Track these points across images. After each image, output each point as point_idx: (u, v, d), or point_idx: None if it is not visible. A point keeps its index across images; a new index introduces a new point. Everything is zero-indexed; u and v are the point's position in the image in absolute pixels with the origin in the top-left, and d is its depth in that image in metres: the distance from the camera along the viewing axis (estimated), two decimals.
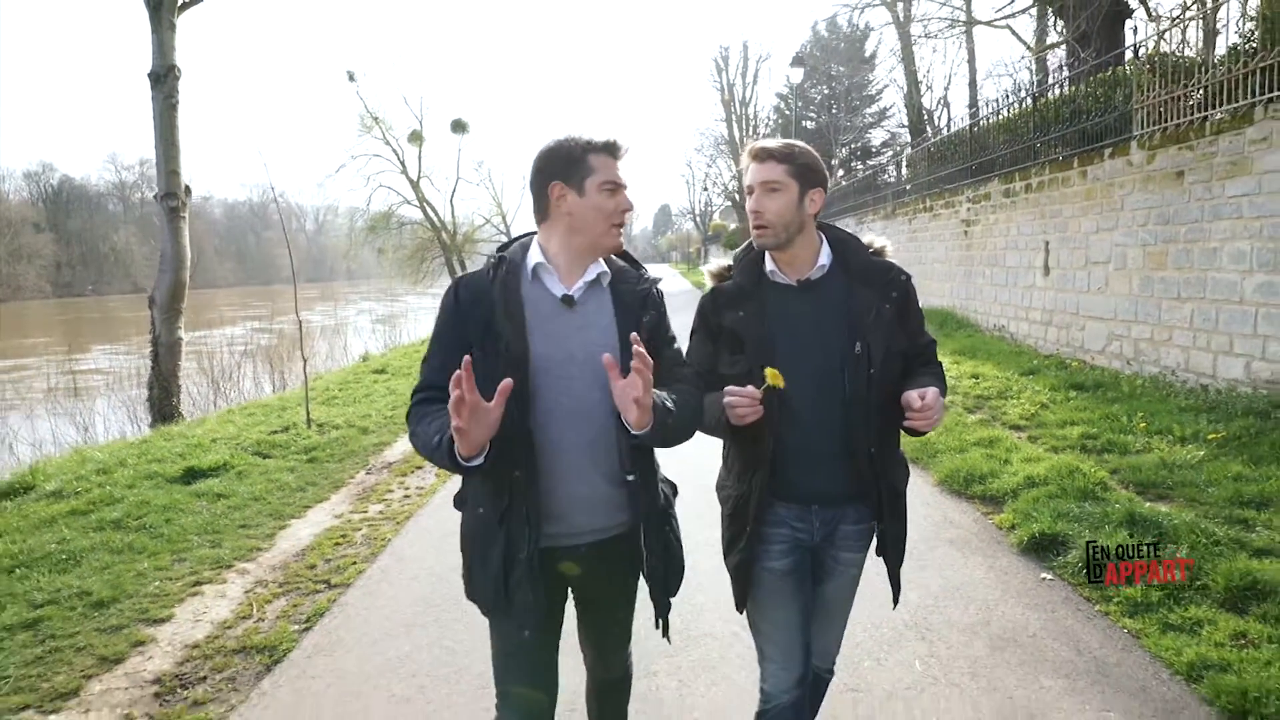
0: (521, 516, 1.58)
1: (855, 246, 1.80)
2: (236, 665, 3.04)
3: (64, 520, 4.64)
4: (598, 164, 1.63)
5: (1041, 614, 3.09)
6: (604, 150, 1.64)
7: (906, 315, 1.76)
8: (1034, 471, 4.47)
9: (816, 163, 1.73)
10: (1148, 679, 2.60)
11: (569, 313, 1.65)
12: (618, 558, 1.71)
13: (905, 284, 1.77)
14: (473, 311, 1.61)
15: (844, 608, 1.92)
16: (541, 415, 1.60)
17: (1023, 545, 3.70)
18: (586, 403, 1.62)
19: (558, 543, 1.65)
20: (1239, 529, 3.56)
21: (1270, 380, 5.60)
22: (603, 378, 1.57)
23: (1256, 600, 2.94)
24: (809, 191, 1.72)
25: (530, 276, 1.66)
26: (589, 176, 1.62)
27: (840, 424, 1.69)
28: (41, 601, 3.53)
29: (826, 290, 1.74)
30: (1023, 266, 9.83)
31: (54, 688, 2.86)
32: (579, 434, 1.61)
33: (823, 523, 1.77)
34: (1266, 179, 5.66)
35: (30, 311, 50.90)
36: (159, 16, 9.16)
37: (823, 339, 1.70)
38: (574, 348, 1.63)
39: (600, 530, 1.67)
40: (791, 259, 1.75)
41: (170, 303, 9.51)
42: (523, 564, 1.58)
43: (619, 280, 1.73)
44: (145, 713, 2.73)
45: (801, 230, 1.72)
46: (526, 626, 1.63)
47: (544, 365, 1.60)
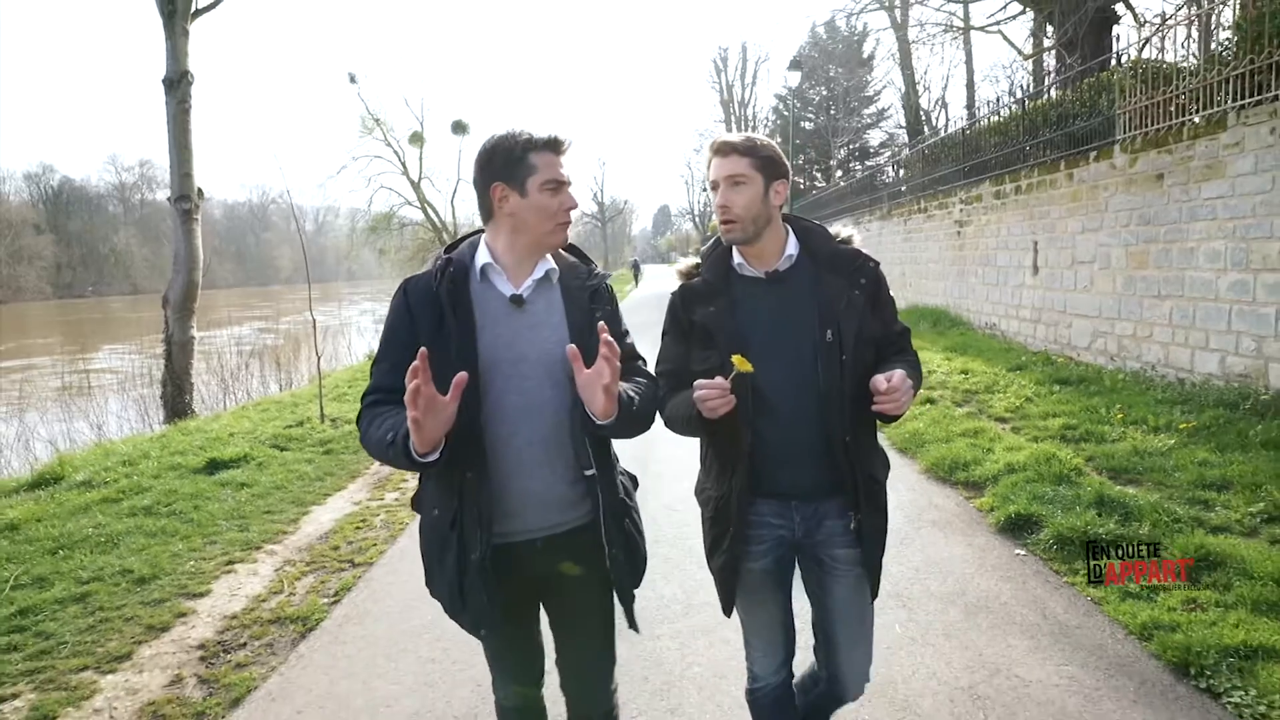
0: (474, 518, 1.56)
1: (821, 236, 1.80)
2: (273, 633, 3.31)
3: (97, 507, 4.91)
4: (539, 162, 1.59)
5: (1013, 585, 3.36)
6: (545, 147, 1.60)
7: (878, 303, 1.75)
8: (1014, 459, 4.74)
9: (778, 155, 1.74)
10: (1104, 638, 2.87)
11: (519, 312, 1.64)
12: (577, 550, 1.67)
13: (874, 270, 1.76)
14: (422, 313, 1.59)
15: (862, 617, 1.83)
16: (492, 415, 1.58)
17: (1000, 525, 3.97)
18: (538, 400, 1.61)
19: (512, 539, 1.63)
20: (1199, 509, 3.83)
21: (1242, 374, 5.87)
22: (555, 375, 1.60)
23: (1208, 570, 3.21)
24: (773, 184, 1.72)
25: (479, 276, 1.64)
26: (530, 176, 1.59)
27: (816, 415, 1.68)
28: (87, 579, 3.80)
29: (795, 280, 1.74)
30: (1013, 266, 10.11)
31: (108, 651, 3.12)
32: (532, 431, 1.59)
33: (803, 518, 1.76)
34: (1239, 182, 5.94)
35: (32, 313, 51.06)
36: (173, 24, 9.43)
37: (794, 329, 1.70)
38: (525, 347, 1.62)
39: (556, 525, 1.65)
40: (759, 252, 1.75)
41: (183, 302, 9.78)
42: (475, 565, 1.56)
43: (568, 276, 1.71)
44: (193, 673, 3.00)
45: (769, 223, 1.73)
46: (482, 626, 1.64)
47: (494, 365, 1.59)
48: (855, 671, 1.84)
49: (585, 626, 1.78)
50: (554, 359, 1.61)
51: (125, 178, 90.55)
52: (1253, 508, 3.73)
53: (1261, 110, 5.71)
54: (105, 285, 79.65)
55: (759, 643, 1.85)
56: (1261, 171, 5.70)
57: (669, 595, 3.44)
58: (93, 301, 67.17)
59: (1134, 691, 2.54)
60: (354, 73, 33.86)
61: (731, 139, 1.73)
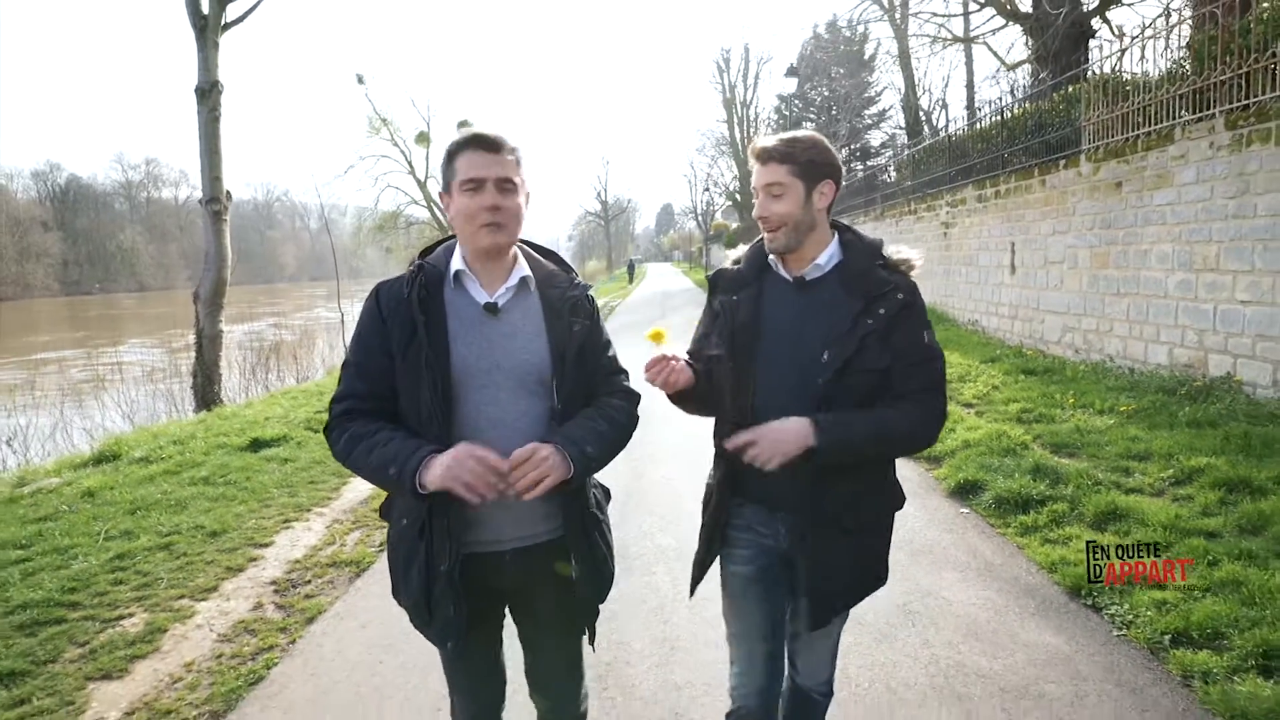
0: (443, 529, 1.53)
1: (865, 252, 1.69)
2: (331, 573, 3.94)
3: (160, 478, 5.56)
4: (461, 164, 1.55)
5: (953, 535, 4.00)
6: (468, 146, 1.56)
7: (894, 333, 1.61)
8: (971, 437, 5.37)
9: (823, 153, 1.64)
10: (1020, 573, 3.51)
11: (493, 320, 1.60)
12: (546, 563, 1.65)
13: (900, 302, 1.62)
14: (394, 318, 1.56)
15: (828, 631, 1.80)
16: (464, 425, 1.55)
17: (950, 490, 4.61)
18: (511, 412, 1.57)
19: (479, 549, 1.60)
20: (1120, 475, 4.45)
21: (1186, 364, 6.49)
22: (529, 385, 1.58)
23: (1115, 522, 3.83)
24: (817, 185, 1.64)
25: (453, 283, 1.61)
26: (454, 179, 1.56)
27: None
28: (167, 532, 4.44)
29: (821, 292, 1.67)
30: (993, 265, 10.72)
31: (198, 586, 3.76)
32: (504, 443, 1.51)
33: (789, 529, 1.69)
34: (1184, 190, 6.55)
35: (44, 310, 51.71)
36: (204, 37, 10.05)
37: (802, 341, 1.64)
38: (499, 356, 1.58)
39: (526, 538, 1.62)
40: (800, 256, 1.69)
41: (213, 298, 10.40)
42: (443, 576, 1.54)
43: (547, 285, 1.66)
44: (271, 601, 3.64)
45: (812, 229, 1.66)
46: (449, 639, 1.60)
47: (467, 374, 1.55)
48: (818, 675, 1.85)
49: (555, 639, 1.76)
50: (528, 369, 1.59)
51: (132, 175, 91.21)
52: (1164, 473, 4.36)
53: (1202, 126, 6.32)
54: (112, 282, 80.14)
55: (737, 656, 1.79)
56: (1202, 181, 6.31)
57: (665, 545, 4.07)
58: (100, 299, 67.68)
59: (1035, 608, 3.17)
60: (361, 74, 34.37)
61: (768, 144, 1.64)
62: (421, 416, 1.54)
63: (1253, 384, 5.72)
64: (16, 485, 5.68)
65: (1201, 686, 2.52)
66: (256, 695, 2.82)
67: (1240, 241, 5.87)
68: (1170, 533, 3.56)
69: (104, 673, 2.98)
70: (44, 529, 4.51)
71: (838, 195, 1.68)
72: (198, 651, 3.17)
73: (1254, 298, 5.73)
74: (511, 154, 1.58)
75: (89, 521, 4.63)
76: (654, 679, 2.79)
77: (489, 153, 1.55)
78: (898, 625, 3.09)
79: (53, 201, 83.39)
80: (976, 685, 2.66)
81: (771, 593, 1.74)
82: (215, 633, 3.33)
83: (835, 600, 1.71)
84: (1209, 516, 3.75)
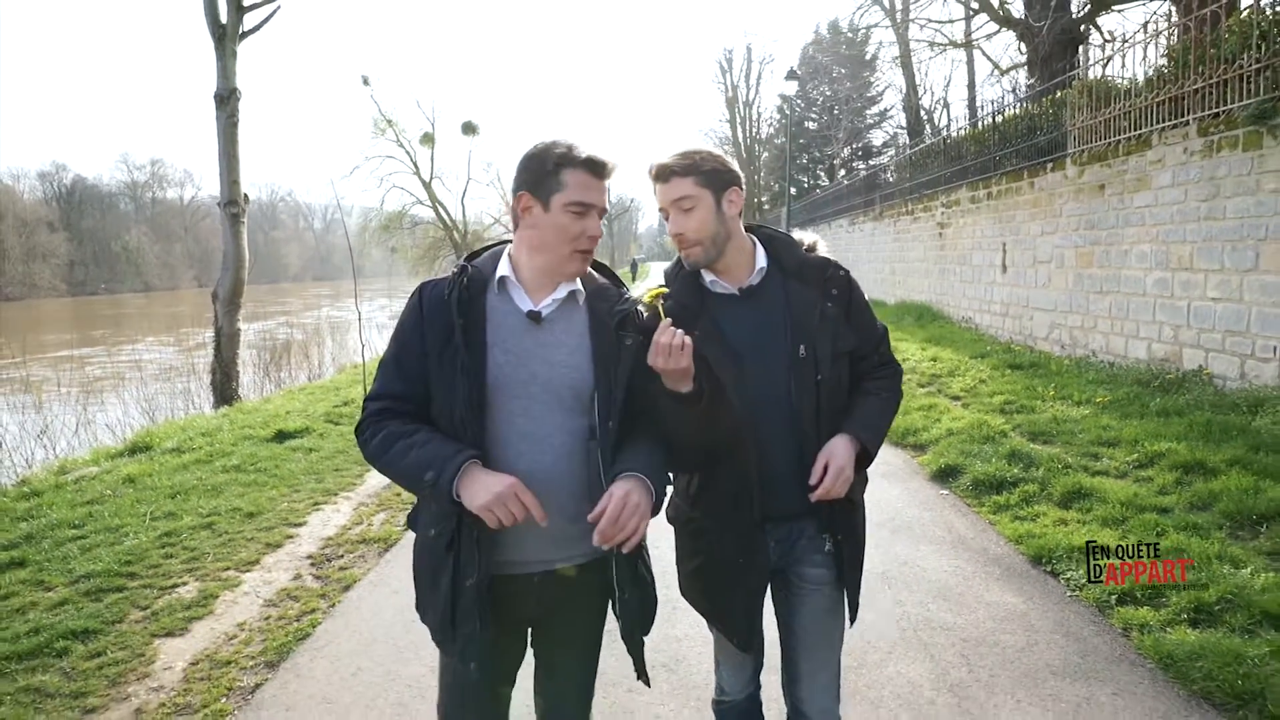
0: (472, 541, 1.47)
1: (787, 245, 1.71)
2: (362, 549, 4.31)
3: (194, 466, 5.93)
4: (570, 180, 1.49)
5: (932, 513, 4.35)
6: (581, 167, 1.50)
7: (852, 311, 1.67)
8: (954, 426, 5.72)
9: (723, 163, 1.63)
10: (989, 544, 3.86)
11: (536, 330, 1.54)
12: (577, 589, 1.59)
13: (845, 279, 1.68)
14: (435, 319, 1.52)
15: (826, 642, 1.73)
16: (496, 437, 1.51)
17: (932, 474, 4.96)
18: (546, 426, 1.52)
19: (508, 570, 1.54)
20: (1088, 459, 4.80)
21: (1163, 359, 6.82)
22: (566, 401, 1.53)
23: (1079, 500, 4.18)
24: (724, 194, 1.62)
25: (496, 289, 1.56)
26: (557, 192, 1.49)
27: (789, 435, 1.60)
28: (207, 513, 4.81)
29: (767, 294, 1.65)
30: (985, 265, 11.06)
31: (242, 559, 4.13)
32: (537, 457, 1.50)
33: (778, 541, 1.68)
34: (1161, 193, 6.88)
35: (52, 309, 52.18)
36: (223, 45, 10.43)
37: (769, 346, 1.61)
38: (537, 366, 1.52)
39: (554, 561, 1.56)
40: (727, 267, 1.66)
41: (231, 297, 10.79)
42: (470, 591, 1.47)
43: (596, 298, 1.61)
44: (309, 572, 4.01)
45: (730, 237, 1.64)
46: (472, 659, 1.51)
47: (502, 383, 1.51)
48: (817, 702, 1.73)
49: (571, 665, 1.71)
50: (566, 383, 1.53)
51: (137, 176, 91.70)
52: (1129, 458, 4.71)
53: (1178, 132, 6.65)
54: (117, 283, 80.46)
55: (724, 659, 1.83)
56: (1177, 185, 6.64)
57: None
58: (106, 299, 68.06)
59: (999, 574, 3.53)
60: (366, 75, 34.79)
61: (667, 161, 1.62)
62: (454, 422, 1.49)
63: (1223, 376, 6.06)
64: (59, 473, 6.05)
65: (1138, 636, 2.87)
66: (305, 648, 3.18)
67: (1211, 242, 6.21)
68: (1127, 509, 3.91)
69: (166, 631, 3.35)
70: (93, 510, 4.88)
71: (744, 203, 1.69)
72: (247, 614, 3.53)
73: (1224, 295, 6.07)
74: (609, 183, 1.57)
75: (133, 504, 5.00)
76: (656, 632, 3.12)
77: (600, 179, 1.53)
78: (875, 590, 3.44)
79: (59, 202, 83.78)
80: (941, 636, 3.01)
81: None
82: (261, 599, 3.69)
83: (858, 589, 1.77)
84: (1164, 495, 4.10)
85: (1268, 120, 5.56)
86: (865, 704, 2.58)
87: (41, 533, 4.51)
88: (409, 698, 2.76)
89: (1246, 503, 3.74)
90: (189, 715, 2.73)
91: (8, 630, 3.31)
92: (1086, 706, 2.52)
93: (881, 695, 2.64)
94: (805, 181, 37.85)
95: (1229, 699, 2.45)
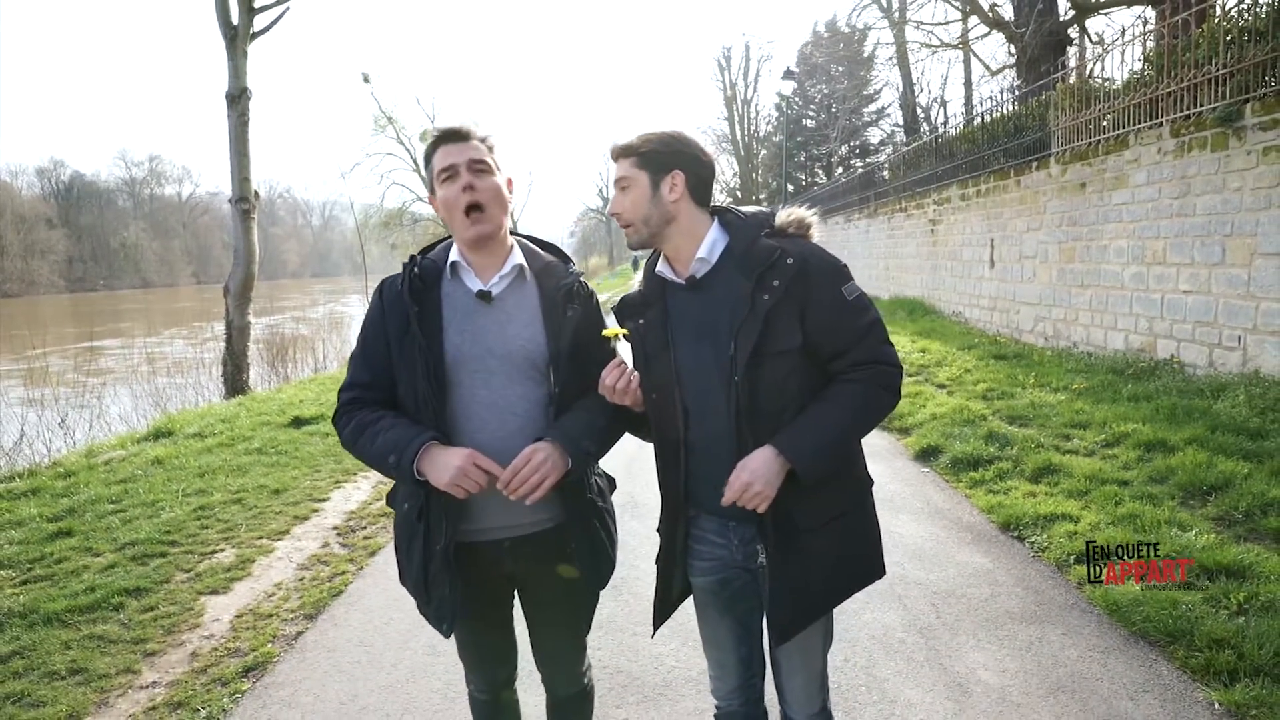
0: (439, 510, 1.58)
1: (748, 228, 1.59)
2: (383, 521, 4.63)
3: (218, 449, 6.25)
4: (437, 157, 1.62)
5: (912, 488, 4.69)
6: (438, 140, 1.63)
7: (807, 307, 1.50)
8: (938, 411, 6.06)
9: (671, 145, 1.57)
10: (963, 514, 4.20)
11: (488, 308, 1.64)
12: (547, 553, 1.69)
13: (791, 268, 1.49)
14: (393, 310, 1.62)
15: (802, 646, 1.66)
16: (458, 411, 1.60)
17: (914, 454, 5.30)
18: (506, 397, 1.61)
19: (479, 538, 1.64)
20: (1060, 440, 5.14)
21: (1139, 349, 7.16)
22: (524, 371, 1.62)
23: (1048, 475, 4.52)
24: (664, 177, 1.56)
25: (449, 274, 1.67)
26: (433, 174, 1.63)
27: (729, 435, 1.53)
28: (236, 490, 5.13)
29: (717, 285, 1.57)
30: (975, 260, 11.40)
31: (273, 530, 4.45)
32: (498, 428, 1.59)
33: (742, 541, 1.64)
34: (1137, 191, 7.22)
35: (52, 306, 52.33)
36: (234, 46, 10.72)
37: (711, 342, 1.55)
38: (492, 342, 1.61)
39: (522, 526, 1.65)
40: (674, 253, 1.62)
41: (242, 292, 11.09)
42: (439, 556, 1.58)
43: (545, 274, 1.70)
44: (336, 541, 4.33)
45: (670, 220, 1.58)
46: (444, 619, 1.64)
47: (459, 360, 1.60)
48: (798, 700, 1.72)
49: (557, 619, 1.82)
50: (522, 355, 1.62)
51: (135, 172, 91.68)
52: (1098, 438, 5.04)
53: (1153, 133, 6.99)
54: (116, 279, 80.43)
55: (710, 662, 1.81)
56: (1152, 183, 6.98)
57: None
58: (105, 295, 68.10)
59: (970, 539, 3.86)
60: (367, 73, 35.19)
61: (617, 142, 1.61)
62: (417, 402, 1.59)
63: (1193, 365, 6.40)
64: (88, 455, 6.37)
65: (1089, 589, 3.21)
66: (339, 603, 3.51)
67: (1183, 238, 6.54)
68: (1090, 482, 4.25)
69: (211, 589, 3.68)
70: (128, 488, 5.21)
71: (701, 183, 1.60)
72: (283, 575, 3.86)
73: (1194, 288, 6.41)
74: (481, 140, 1.65)
75: (165, 483, 5.32)
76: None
77: (458, 142, 1.62)
78: None
79: (57, 198, 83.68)
80: (914, 590, 3.34)
81: (735, 604, 1.71)
82: (294, 563, 4.02)
83: (802, 610, 1.58)
84: (1127, 470, 4.43)
85: (1233, 123, 5.89)
86: (844, 644, 2.91)
87: (82, 507, 4.83)
88: (438, 641, 3.08)
89: (1199, 475, 4.08)
90: (240, 658, 3.06)
91: (66, 588, 3.63)
92: (1038, 644, 2.85)
93: (858, 637, 2.97)
94: (803, 179, 38.16)
95: (1163, 636, 2.78)
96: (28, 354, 12.69)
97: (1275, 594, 2.89)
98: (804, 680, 1.70)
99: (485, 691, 1.87)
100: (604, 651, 2.94)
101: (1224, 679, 2.49)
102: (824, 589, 1.60)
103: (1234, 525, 3.63)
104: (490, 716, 1.90)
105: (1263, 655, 2.52)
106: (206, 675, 2.93)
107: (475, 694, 1.89)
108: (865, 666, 2.77)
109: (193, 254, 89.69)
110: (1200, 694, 2.47)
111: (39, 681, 2.86)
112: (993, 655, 2.80)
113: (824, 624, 1.68)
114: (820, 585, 1.59)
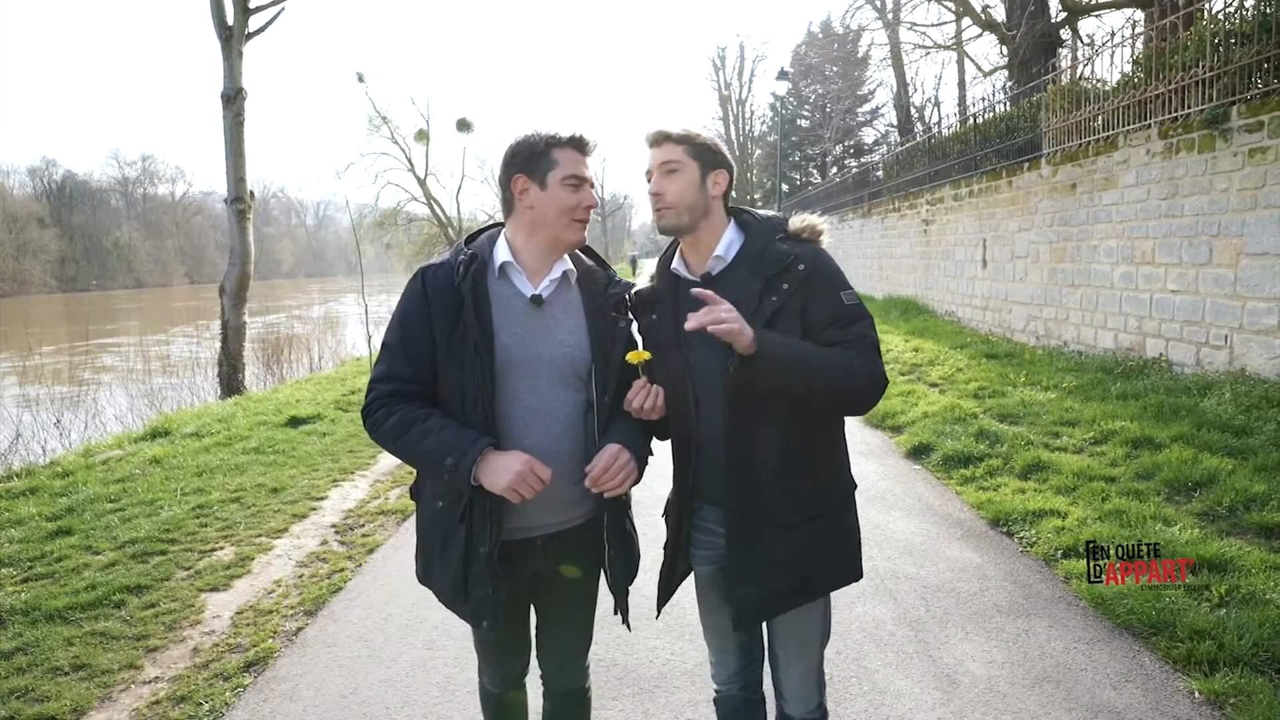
0: (484, 512, 1.58)
1: (764, 230, 1.65)
2: (381, 519, 4.67)
3: (215, 449, 6.28)
4: (561, 158, 1.62)
5: (904, 485, 4.75)
6: (569, 145, 1.63)
7: (808, 308, 1.57)
8: (930, 409, 6.13)
9: (719, 147, 1.67)
10: (954, 510, 4.26)
11: (537, 312, 1.65)
12: (575, 548, 1.73)
13: (802, 274, 1.57)
14: (440, 303, 1.59)
15: (800, 637, 1.70)
16: (505, 415, 1.61)
17: (907, 452, 5.36)
18: (551, 403, 1.63)
19: (513, 536, 1.65)
20: (1049, 437, 5.22)
21: (1128, 348, 7.25)
22: (567, 377, 1.65)
23: (1037, 472, 4.59)
24: (711, 173, 1.64)
25: (497, 274, 1.65)
26: (551, 170, 1.61)
27: (726, 431, 1.59)
28: (234, 489, 5.17)
29: (728, 285, 1.61)
30: (967, 260, 11.48)
31: (272, 528, 4.49)
32: (543, 432, 1.61)
33: (726, 527, 1.66)
34: (1126, 191, 7.31)
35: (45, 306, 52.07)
36: (229, 46, 10.73)
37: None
38: (540, 347, 1.63)
39: (557, 524, 1.69)
40: (695, 246, 1.67)
41: (237, 291, 11.09)
42: (482, 559, 1.59)
43: (587, 279, 1.73)
44: (334, 539, 4.37)
45: (706, 214, 1.64)
46: (485, 618, 1.64)
47: (510, 364, 1.60)
48: (795, 695, 1.75)
49: (569, 613, 1.85)
50: (567, 361, 1.64)
51: (128, 172, 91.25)
52: (1086, 435, 5.12)
53: (1141, 134, 7.07)
54: (109, 279, 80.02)
55: (710, 648, 1.85)
56: (1140, 184, 7.07)
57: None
58: (98, 295, 67.75)
59: (960, 534, 3.93)
60: (361, 72, 35.00)
61: (666, 128, 1.66)
62: (465, 403, 1.58)
63: (1180, 363, 6.48)
64: (86, 455, 6.39)
65: (1076, 583, 3.27)
66: (339, 599, 3.56)
67: (1170, 238, 6.63)
68: (1078, 479, 4.32)
69: (211, 586, 3.72)
70: (126, 487, 5.24)
71: (731, 188, 1.68)
72: (282, 573, 3.90)
73: (1181, 287, 6.49)
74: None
75: (163, 481, 5.35)
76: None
77: (585, 155, 1.66)
78: None
79: (49, 198, 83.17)
80: (905, 584, 3.41)
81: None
82: (294, 560, 4.06)
83: (765, 601, 1.63)
84: (1114, 466, 4.51)
85: (1220, 124, 5.97)
86: (835, 637, 2.93)
87: (81, 506, 4.86)
88: (437, 636, 3.14)
89: (1185, 472, 4.15)
90: (241, 653, 3.10)
91: (67, 586, 3.67)
92: (1025, 636, 2.92)
93: (849, 630, 3.03)
94: (797, 178, 38.27)
95: (1146, 628, 2.85)
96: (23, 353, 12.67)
97: (1256, 586, 2.96)
98: (801, 672, 1.73)
99: (499, 685, 1.90)
100: (599, 645, 2.94)
101: (1204, 669, 2.56)
102: (801, 584, 1.63)
103: (1218, 520, 3.70)
104: (500, 709, 1.93)
105: (1242, 645, 2.59)
106: (208, 670, 2.97)
107: (489, 686, 1.91)
108: (856, 658, 2.83)
109: (186, 254, 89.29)
110: (1181, 683, 2.54)
111: (43, 677, 2.90)
112: (980, 647, 2.87)
113: (823, 618, 1.72)
114: (789, 581, 1.62)
